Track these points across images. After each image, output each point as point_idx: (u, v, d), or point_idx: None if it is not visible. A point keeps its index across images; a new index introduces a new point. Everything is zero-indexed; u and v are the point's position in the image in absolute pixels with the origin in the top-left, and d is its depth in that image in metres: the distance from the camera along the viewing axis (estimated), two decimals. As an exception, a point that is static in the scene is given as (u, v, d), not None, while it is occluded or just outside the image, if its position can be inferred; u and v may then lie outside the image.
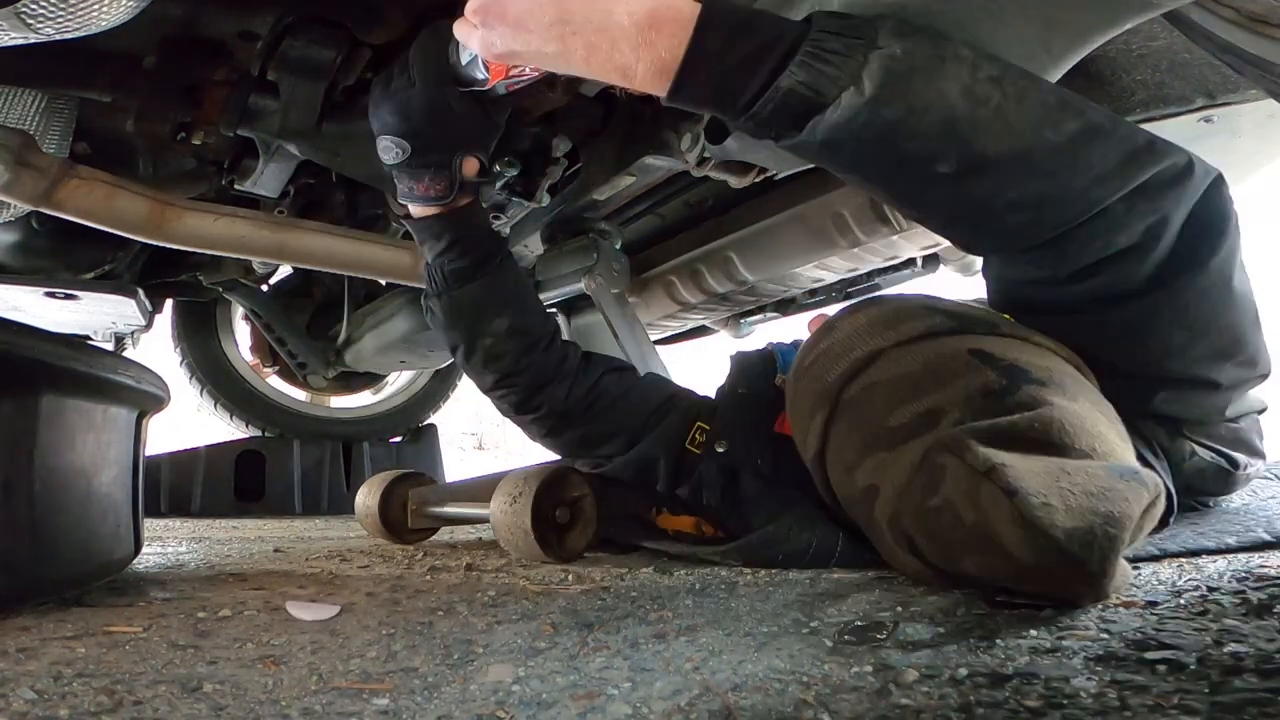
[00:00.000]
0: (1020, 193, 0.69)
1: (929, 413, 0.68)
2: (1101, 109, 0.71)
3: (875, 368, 0.76)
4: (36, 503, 0.73)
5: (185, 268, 2.02)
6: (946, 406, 0.68)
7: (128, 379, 0.87)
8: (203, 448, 2.42)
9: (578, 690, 0.49)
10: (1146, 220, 0.70)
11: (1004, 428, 0.62)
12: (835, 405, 0.78)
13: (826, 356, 0.82)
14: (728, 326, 2.13)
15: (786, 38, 0.65)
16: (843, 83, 0.63)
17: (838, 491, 0.82)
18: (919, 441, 0.66)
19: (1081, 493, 0.56)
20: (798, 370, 0.87)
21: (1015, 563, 0.56)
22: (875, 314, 0.82)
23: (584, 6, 0.68)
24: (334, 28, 1.08)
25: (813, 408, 0.81)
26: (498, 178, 1.29)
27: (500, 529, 1.05)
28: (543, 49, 0.70)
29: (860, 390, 0.77)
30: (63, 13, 0.68)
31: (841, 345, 0.81)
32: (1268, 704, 0.39)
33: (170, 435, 2.28)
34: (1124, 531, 0.55)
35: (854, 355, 0.78)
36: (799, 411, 0.86)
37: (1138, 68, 1.06)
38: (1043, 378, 0.69)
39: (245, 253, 1.38)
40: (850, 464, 0.76)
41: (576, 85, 1.15)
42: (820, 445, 0.81)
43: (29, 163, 1.13)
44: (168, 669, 0.54)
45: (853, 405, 0.77)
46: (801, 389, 0.86)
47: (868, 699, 0.44)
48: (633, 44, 0.66)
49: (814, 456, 0.83)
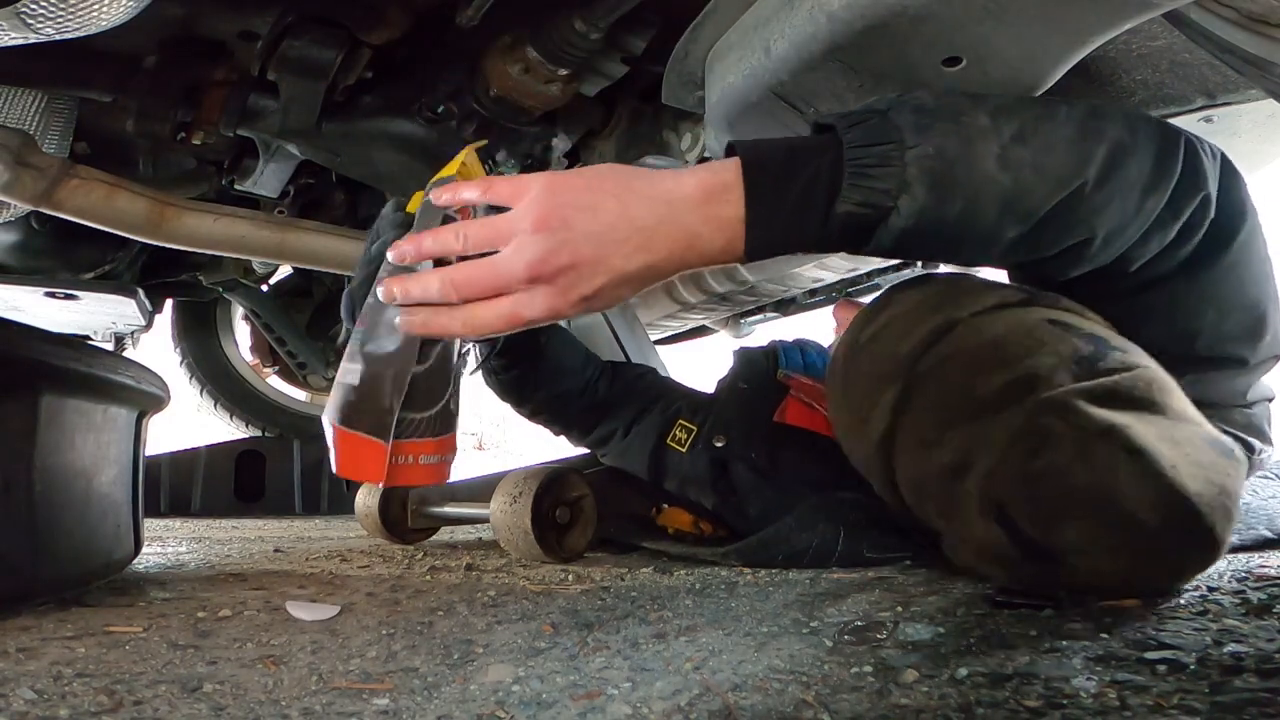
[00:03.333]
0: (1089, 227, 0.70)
1: (1023, 379, 0.64)
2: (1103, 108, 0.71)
3: (953, 336, 0.70)
4: (36, 503, 0.73)
5: (185, 268, 2.02)
6: (1041, 372, 0.64)
7: (128, 379, 0.87)
8: (203, 448, 2.42)
9: (578, 690, 0.49)
10: (1191, 206, 0.70)
11: (1109, 386, 0.61)
12: (909, 379, 0.71)
13: (891, 330, 0.74)
14: (728, 326, 2.13)
15: (824, 166, 0.65)
16: (894, 192, 0.65)
17: (903, 473, 0.73)
18: (1018, 408, 0.63)
19: (1194, 462, 0.55)
20: (851, 348, 0.79)
21: (1137, 525, 0.54)
22: (939, 287, 0.77)
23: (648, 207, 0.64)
24: (334, 28, 1.08)
25: (878, 384, 0.73)
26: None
27: (500, 529, 1.05)
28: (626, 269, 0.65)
29: (937, 362, 0.70)
30: (63, 13, 0.68)
31: (909, 317, 0.74)
32: (1268, 704, 0.39)
33: (170, 435, 2.28)
34: (1235, 506, 0.55)
35: (927, 326, 0.71)
36: (855, 391, 0.77)
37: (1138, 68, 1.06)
38: (1121, 344, 0.68)
39: (245, 253, 1.38)
40: (929, 440, 0.70)
41: (576, 85, 1.15)
42: (890, 423, 0.72)
43: (29, 163, 1.13)
44: (168, 669, 0.54)
45: (930, 377, 0.70)
46: (859, 367, 0.77)
47: (868, 699, 0.44)
48: (696, 212, 0.65)
49: (879, 438, 0.73)
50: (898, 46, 0.74)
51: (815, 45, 0.76)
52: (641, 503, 1.16)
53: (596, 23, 1.01)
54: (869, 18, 0.71)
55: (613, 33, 1.05)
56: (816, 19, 0.74)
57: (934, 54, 0.75)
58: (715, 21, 0.89)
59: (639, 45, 1.11)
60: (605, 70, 1.15)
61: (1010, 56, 0.74)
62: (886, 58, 0.76)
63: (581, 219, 0.62)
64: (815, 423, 1.06)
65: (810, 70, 0.79)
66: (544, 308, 0.64)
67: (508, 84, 1.12)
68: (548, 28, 1.05)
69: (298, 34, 1.07)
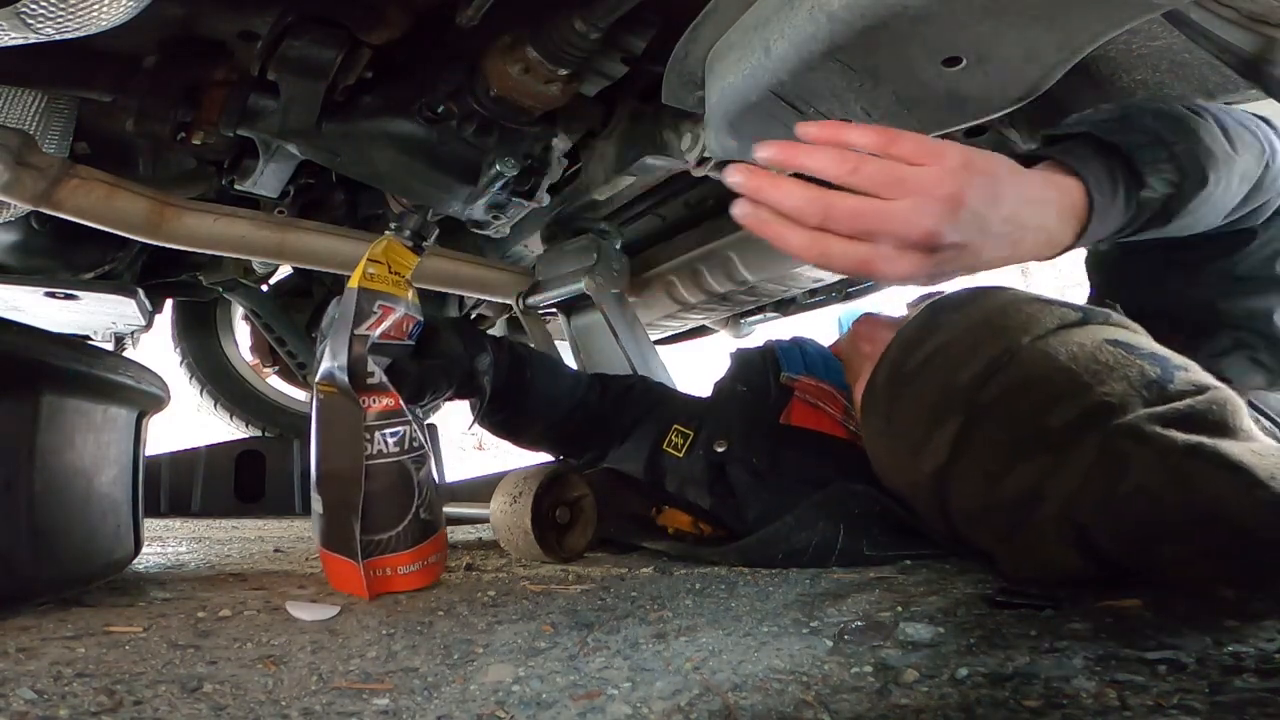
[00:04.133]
0: (1275, 189, 0.80)
1: (1096, 407, 0.62)
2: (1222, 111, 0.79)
3: (1016, 364, 0.68)
4: (36, 503, 0.73)
5: (185, 268, 2.02)
6: (1114, 400, 0.62)
7: (128, 379, 0.87)
8: (203, 448, 2.42)
9: (578, 690, 0.49)
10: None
11: (1184, 411, 0.60)
12: (971, 411, 0.69)
13: (944, 357, 0.72)
14: (728, 326, 2.13)
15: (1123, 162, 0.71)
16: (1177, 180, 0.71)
17: (960, 503, 0.72)
18: (1092, 438, 0.61)
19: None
20: (895, 375, 0.76)
21: (1247, 536, 0.54)
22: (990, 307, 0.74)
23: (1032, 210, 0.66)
24: (334, 28, 1.08)
25: (934, 415, 0.71)
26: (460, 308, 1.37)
27: (500, 529, 1.05)
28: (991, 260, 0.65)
29: (1001, 392, 0.68)
30: (63, 13, 0.68)
31: (963, 343, 0.71)
32: (1268, 704, 0.39)
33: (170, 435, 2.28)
34: None
35: (987, 354, 0.69)
36: (905, 421, 0.75)
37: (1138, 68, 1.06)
38: (1182, 363, 0.67)
39: (245, 253, 1.38)
40: (995, 472, 0.68)
41: (576, 85, 1.15)
42: (950, 455, 0.70)
43: (29, 163, 1.13)
44: (168, 669, 0.54)
45: (995, 409, 0.68)
46: (909, 396, 0.74)
47: (868, 699, 0.44)
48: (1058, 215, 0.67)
49: (935, 470, 0.71)
50: (898, 46, 0.74)
51: (815, 45, 0.76)
52: (641, 503, 1.16)
53: (596, 23, 1.01)
54: (869, 18, 0.71)
55: (613, 33, 1.05)
56: (816, 19, 0.74)
57: (934, 54, 0.75)
58: (715, 21, 0.89)
59: (639, 45, 1.11)
60: (605, 70, 1.15)
61: (1010, 56, 0.74)
62: (886, 58, 0.76)
63: (985, 208, 0.62)
64: (821, 423, 1.06)
65: (810, 70, 0.79)
66: (903, 273, 0.62)
67: (508, 84, 1.12)
68: (548, 28, 1.05)
69: (298, 34, 1.07)
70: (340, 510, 0.82)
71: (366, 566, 0.81)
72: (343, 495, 0.81)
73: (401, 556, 0.83)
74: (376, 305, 0.84)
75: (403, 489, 0.83)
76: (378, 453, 0.82)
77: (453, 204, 1.34)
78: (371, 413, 0.82)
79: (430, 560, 0.85)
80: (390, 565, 0.82)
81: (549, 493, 1.04)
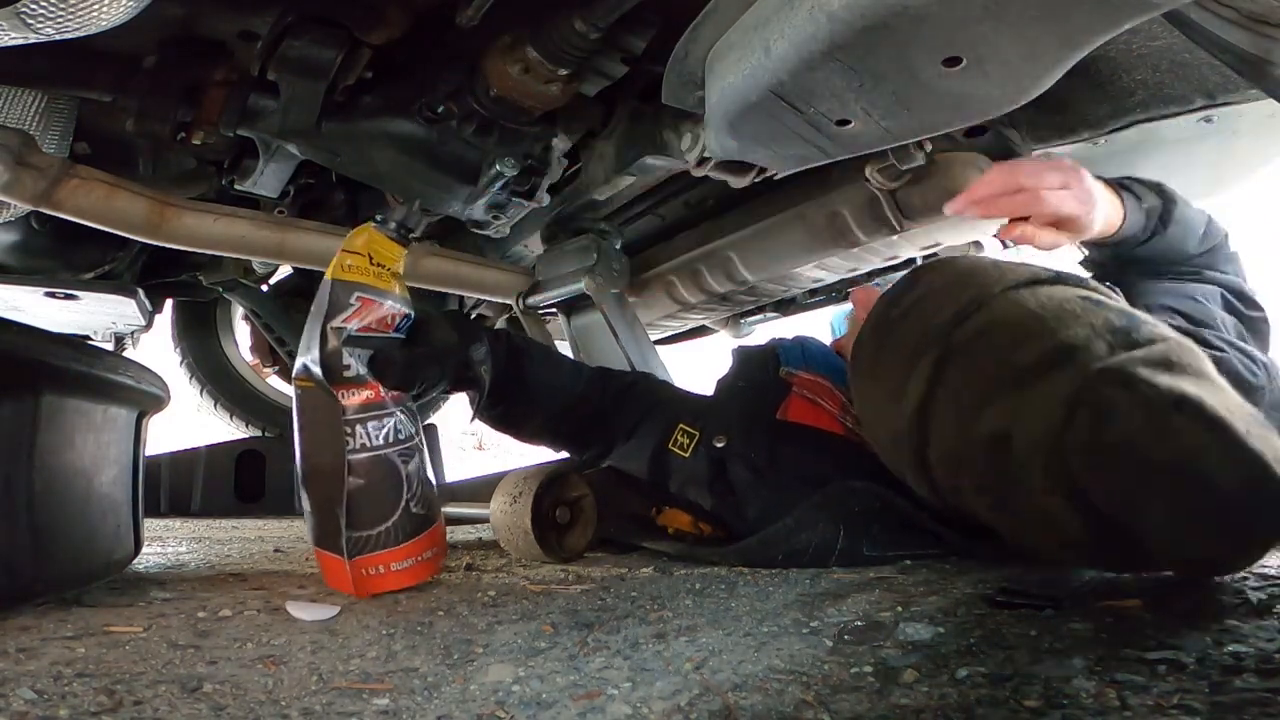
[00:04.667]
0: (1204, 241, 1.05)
1: (1063, 347, 0.67)
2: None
3: (988, 310, 0.75)
4: (36, 503, 0.73)
5: (185, 268, 2.02)
6: (1077, 342, 0.67)
7: (128, 379, 0.87)
8: (203, 448, 2.42)
9: (578, 690, 0.49)
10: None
11: (1159, 354, 0.62)
12: (947, 347, 0.74)
13: (926, 302, 0.80)
14: (728, 326, 2.13)
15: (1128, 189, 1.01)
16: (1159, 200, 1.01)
17: (940, 448, 0.75)
18: (1061, 374, 0.64)
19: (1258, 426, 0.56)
20: (880, 325, 0.84)
21: (1223, 498, 0.54)
22: (970, 265, 0.83)
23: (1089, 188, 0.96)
24: (334, 28, 1.08)
25: (915, 353, 0.77)
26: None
27: (500, 529, 1.05)
28: (1083, 216, 0.96)
29: (975, 333, 0.74)
30: (63, 13, 0.68)
31: (944, 291, 0.80)
32: (1268, 704, 0.39)
33: (170, 435, 2.28)
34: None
35: (963, 298, 0.76)
36: (887, 365, 0.81)
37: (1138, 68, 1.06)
38: (1148, 319, 0.70)
39: (245, 253, 1.38)
40: (971, 407, 0.71)
41: (576, 85, 1.15)
42: (926, 391, 0.75)
43: (29, 163, 1.13)
44: (168, 669, 0.54)
45: (969, 347, 0.73)
46: (891, 343, 0.81)
47: (868, 699, 0.44)
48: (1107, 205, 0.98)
49: (914, 411, 0.75)
50: (898, 46, 0.74)
51: (815, 45, 0.76)
52: (641, 503, 1.16)
53: (596, 23, 1.01)
54: (869, 17, 0.71)
55: (613, 33, 1.05)
56: (816, 19, 0.74)
57: (934, 54, 0.75)
58: (715, 21, 0.89)
59: (639, 45, 1.11)
60: (605, 70, 1.14)
61: (1010, 56, 0.74)
62: (886, 58, 0.76)
63: (1094, 199, 0.96)
64: (819, 419, 1.06)
65: (810, 70, 0.79)
66: (1072, 208, 0.95)
67: (508, 84, 1.12)
68: (548, 28, 1.05)
69: (298, 34, 1.07)
70: (326, 506, 0.81)
71: (355, 565, 0.80)
72: (327, 491, 0.81)
73: (393, 553, 0.82)
74: (354, 297, 0.83)
75: (390, 483, 0.82)
76: (360, 446, 0.81)
77: (453, 204, 1.34)
78: (350, 405, 0.81)
79: (424, 556, 0.84)
80: (381, 563, 0.81)
81: (549, 493, 1.04)
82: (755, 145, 1.00)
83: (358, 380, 0.82)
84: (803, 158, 1.00)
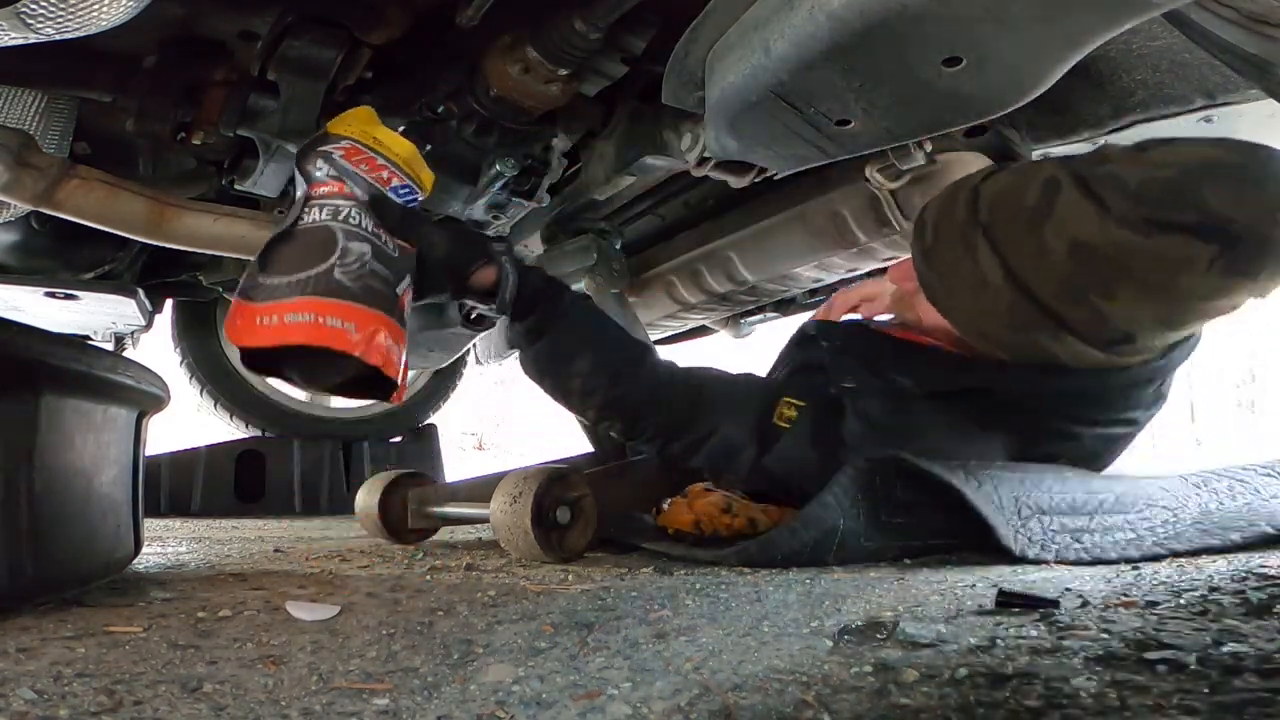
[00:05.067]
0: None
1: (1050, 180, 0.93)
2: None
3: (982, 191, 0.99)
4: (36, 503, 0.73)
5: (185, 268, 2.01)
6: (1053, 169, 0.95)
7: (128, 379, 0.87)
8: (203, 448, 2.42)
9: (578, 690, 0.49)
10: None
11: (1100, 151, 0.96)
12: (983, 224, 0.97)
13: (941, 221, 1.03)
14: (728, 326, 2.13)
15: None
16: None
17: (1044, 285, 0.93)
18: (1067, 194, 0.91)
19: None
20: (928, 251, 1.05)
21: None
22: (946, 190, 1.07)
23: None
24: (334, 28, 1.08)
25: (966, 246, 0.98)
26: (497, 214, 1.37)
27: (500, 529, 1.05)
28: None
29: (990, 206, 0.98)
30: (63, 13, 0.68)
31: (941, 204, 1.05)
32: (1268, 704, 0.39)
33: (170, 435, 2.28)
34: None
35: (960, 197, 1.01)
36: (955, 270, 1.01)
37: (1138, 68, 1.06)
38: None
39: (245, 253, 1.38)
40: (1034, 244, 0.93)
41: (576, 85, 1.15)
42: (1000, 261, 0.95)
43: (29, 163, 1.13)
44: (168, 669, 0.54)
45: (994, 216, 0.97)
46: (944, 252, 1.02)
47: (868, 699, 0.44)
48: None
49: (1003, 275, 0.95)
50: (898, 46, 0.74)
51: (815, 45, 0.76)
52: (642, 503, 1.16)
53: (596, 23, 1.01)
54: (869, 17, 0.71)
55: (613, 33, 1.05)
56: (816, 19, 0.74)
57: (934, 54, 0.75)
58: (715, 21, 0.89)
59: (639, 45, 1.11)
60: (605, 70, 1.15)
61: (1010, 56, 0.74)
62: (886, 58, 0.76)
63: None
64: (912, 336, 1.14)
65: (810, 70, 0.79)
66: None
67: (508, 84, 1.12)
68: (548, 28, 1.05)
69: (298, 34, 1.07)
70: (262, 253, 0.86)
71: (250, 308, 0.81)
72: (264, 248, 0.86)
73: (293, 304, 0.80)
74: (344, 141, 0.91)
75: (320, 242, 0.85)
76: (311, 221, 0.87)
77: (453, 204, 1.34)
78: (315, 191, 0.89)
79: (330, 322, 0.81)
80: (279, 311, 0.80)
81: (549, 493, 1.04)
82: (755, 145, 1.00)
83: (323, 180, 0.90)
84: (803, 158, 1.00)
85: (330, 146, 0.92)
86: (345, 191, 0.88)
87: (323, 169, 0.90)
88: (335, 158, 0.90)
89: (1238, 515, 0.91)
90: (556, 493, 1.05)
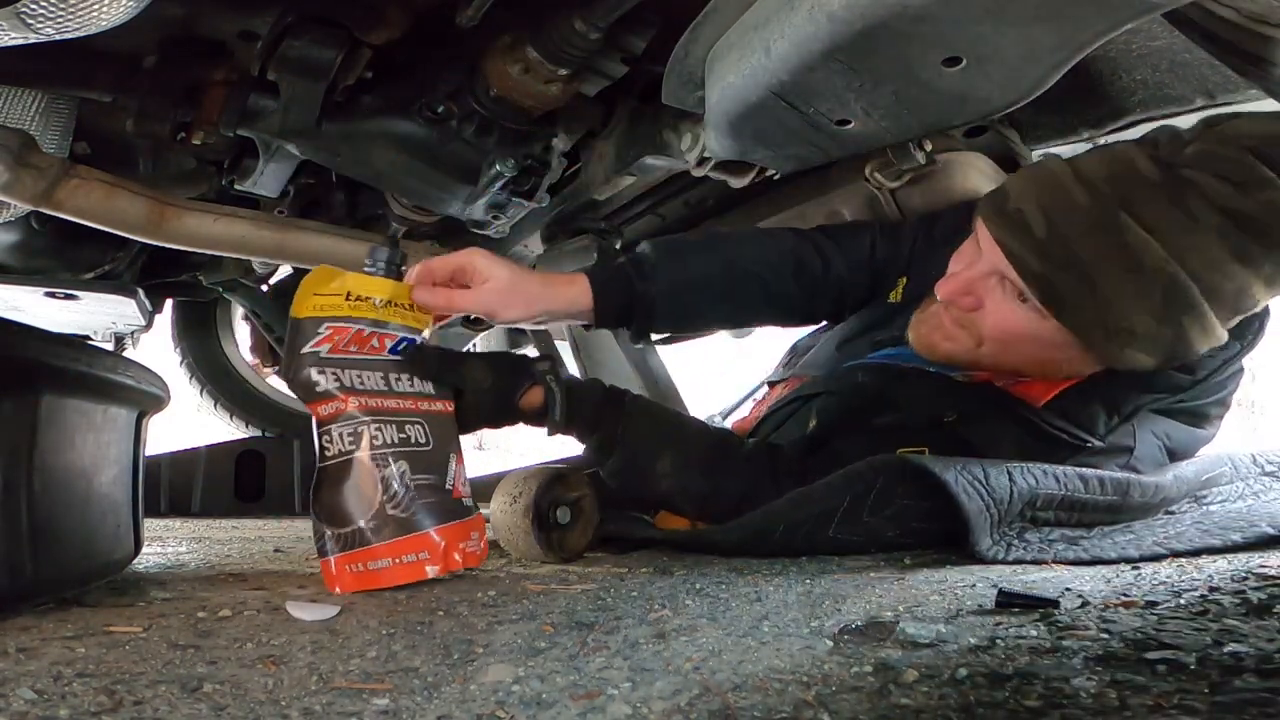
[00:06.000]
0: None
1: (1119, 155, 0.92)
2: None
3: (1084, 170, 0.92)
4: (36, 503, 0.73)
5: (185, 268, 2.01)
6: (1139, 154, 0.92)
7: (128, 379, 0.87)
8: (203, 448, 2.41)
9: (578, 690, 0.49)
10: None
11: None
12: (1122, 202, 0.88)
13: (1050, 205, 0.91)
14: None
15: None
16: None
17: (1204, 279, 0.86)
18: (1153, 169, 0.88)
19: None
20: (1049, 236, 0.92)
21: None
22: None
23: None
24: (334, 28, 1.08)
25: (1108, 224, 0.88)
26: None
27: (500, 529, 1.05)
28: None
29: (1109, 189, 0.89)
30: (63, 13, 0.68)
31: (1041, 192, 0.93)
32: (1268, 704, 0.39)
33: (170, 435, 2.28)
34: None
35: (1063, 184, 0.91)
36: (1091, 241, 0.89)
37: (1138, 68, 1.06)
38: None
39: (245, 253, 1.38)
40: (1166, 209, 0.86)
41: (576, 85, 1.15)
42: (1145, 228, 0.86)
43: (29, 163, 1.13)
44: (168, 669, 0.54)
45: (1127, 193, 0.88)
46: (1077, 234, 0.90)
47: (868, 699, 0.44)
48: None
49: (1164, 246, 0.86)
50: (898, 46, 0.74)
51: (815, 45, 0.76)
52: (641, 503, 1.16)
53: (596, 23, 1.01)
54: (869, 18, 0.71)
55: (613, 33, 1.05)
56: (816, 19, 0.74)
57: (934, 54, 0.75)
58: (715, 21, 0.89)
59: (639, 45, 1.11)
60: (605, 70, 1.14)
61: (1010, 56, 0.74)
62: (886, 58, 0.76)
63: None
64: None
65: (810, 70, 0.79)
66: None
67: (508, 84, 1.12)
68: (548, 28, 1.05)
69: (298, 34, 1.07)
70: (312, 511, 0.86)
71: (332, 562, 0.83)
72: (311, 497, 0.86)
73: (371, 551, 0.83)
74: (324, 327, 0.86)
75: (356, 488, 0.84)
76: (337, 453, 0.85)
77: (453, 204, 1.34)
78: (321, 416, 0.85)
79: (406, 559, 0.85)
80: (359, 560, 0.83)
81: (549, 493, 1.04)
82: (755, 145, 1.00)
83: (326, 395, 0.86)
84: (803, 158, 1.00)
85: (311, 345, 0.85)
86: (356, 406, 0.85)
87: (320, 382, 0.85)
88: (323, 354, 0.85)
89: (1238, 515, 0.91)
90: (556, 493, 1.05)
